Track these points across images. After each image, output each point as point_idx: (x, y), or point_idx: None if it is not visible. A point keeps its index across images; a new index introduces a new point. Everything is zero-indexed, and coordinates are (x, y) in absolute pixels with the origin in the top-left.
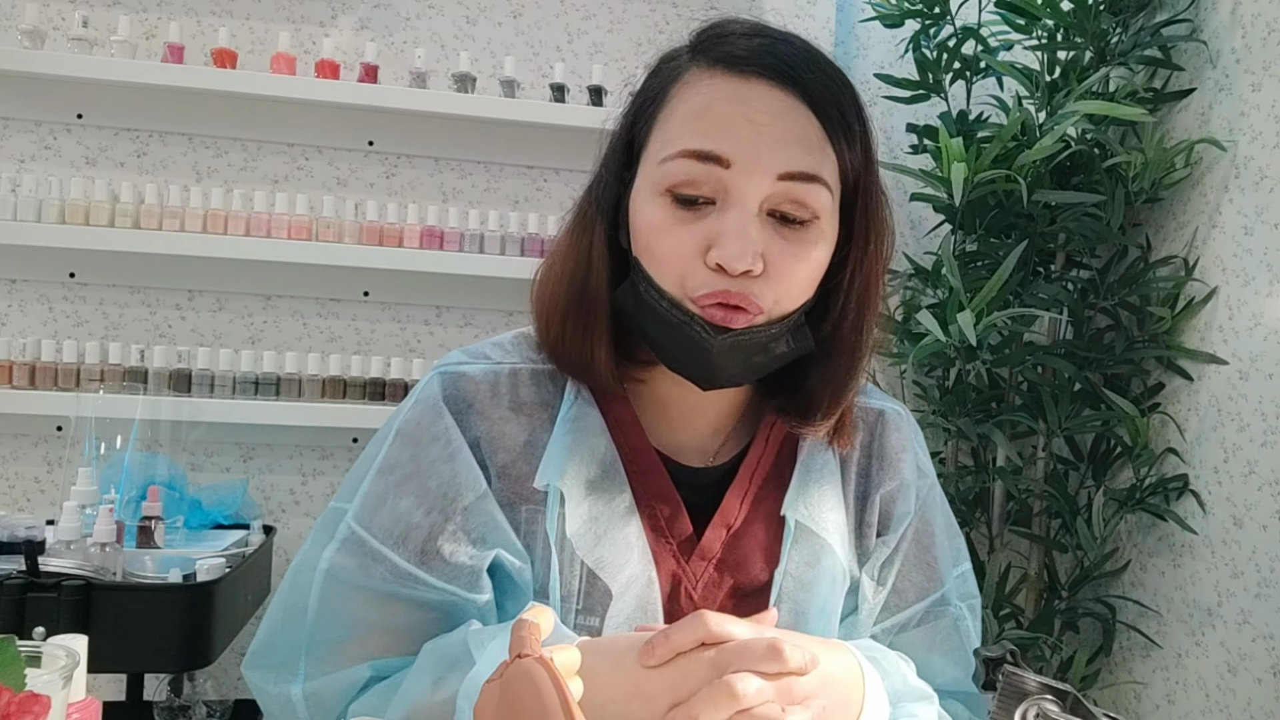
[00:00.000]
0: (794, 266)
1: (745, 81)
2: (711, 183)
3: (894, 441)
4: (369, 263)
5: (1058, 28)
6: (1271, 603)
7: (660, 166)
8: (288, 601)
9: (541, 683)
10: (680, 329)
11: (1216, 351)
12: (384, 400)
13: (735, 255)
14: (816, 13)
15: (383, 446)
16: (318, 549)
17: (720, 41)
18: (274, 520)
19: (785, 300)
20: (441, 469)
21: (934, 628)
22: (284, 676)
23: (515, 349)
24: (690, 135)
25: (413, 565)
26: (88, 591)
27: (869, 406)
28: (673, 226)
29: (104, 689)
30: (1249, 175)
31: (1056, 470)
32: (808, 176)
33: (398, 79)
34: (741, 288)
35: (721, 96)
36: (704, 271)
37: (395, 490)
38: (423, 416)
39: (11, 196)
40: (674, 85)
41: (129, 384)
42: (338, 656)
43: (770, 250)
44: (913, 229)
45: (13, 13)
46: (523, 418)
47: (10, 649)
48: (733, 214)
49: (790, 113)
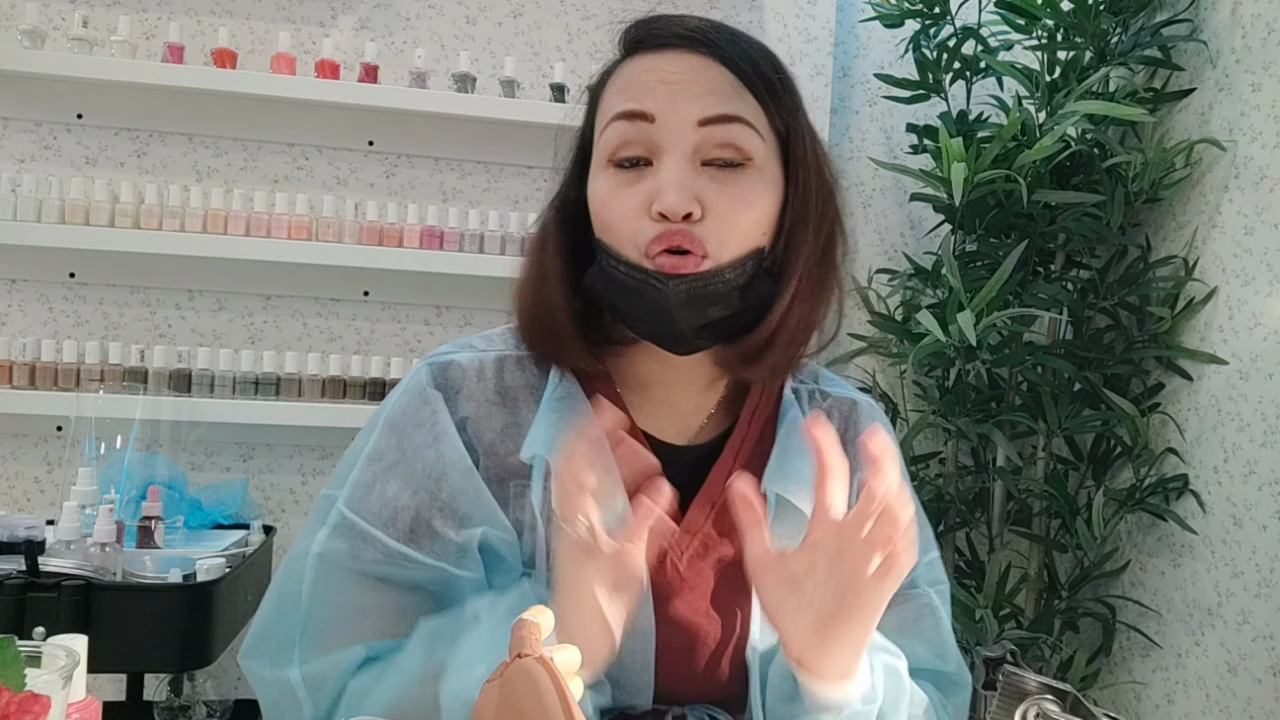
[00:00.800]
0: (731, 207)
1: (660, 53)
2: (643, 141)
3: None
4: (369, 263)
5: (1058, 28)
6: (1271, 603)
7: (600, 142)
8: (282, 588)
9: (541, 683)
10: (639, 290)
11: (1216, 351)
12: (384, 400)
13: (673, 202)
14: (816, 13)
15: (371, 436)
16: (309, 536)
17: (639, 30)
18: (274, 520)
19: (728, 241)
20: (426, 453)
21: (904, 609)
22: (280, 661)
23: (501, 339)
24: (618, 103)
25: (402, 544)
26: (88, 591)
27: (843, 396)
28: (618, 192)
29: (104, 689)
30: (1249, 175)
31: (1056, 470)
32: (727, 118)
33: (398, 79)
34: (682, 230)
35: (640, 68)
36: (650, 224)
37: (383, 476)
38: (409, 405)
39: (11, 196)
40: (608, 80)
41: (129, 384)
42: (333, 639)
43: (707, 195)
44: (913, 229)
45: (13, 13)
46: (509, 400)
47: (10, 649)
48: (666, 166)
49: (704, 69)
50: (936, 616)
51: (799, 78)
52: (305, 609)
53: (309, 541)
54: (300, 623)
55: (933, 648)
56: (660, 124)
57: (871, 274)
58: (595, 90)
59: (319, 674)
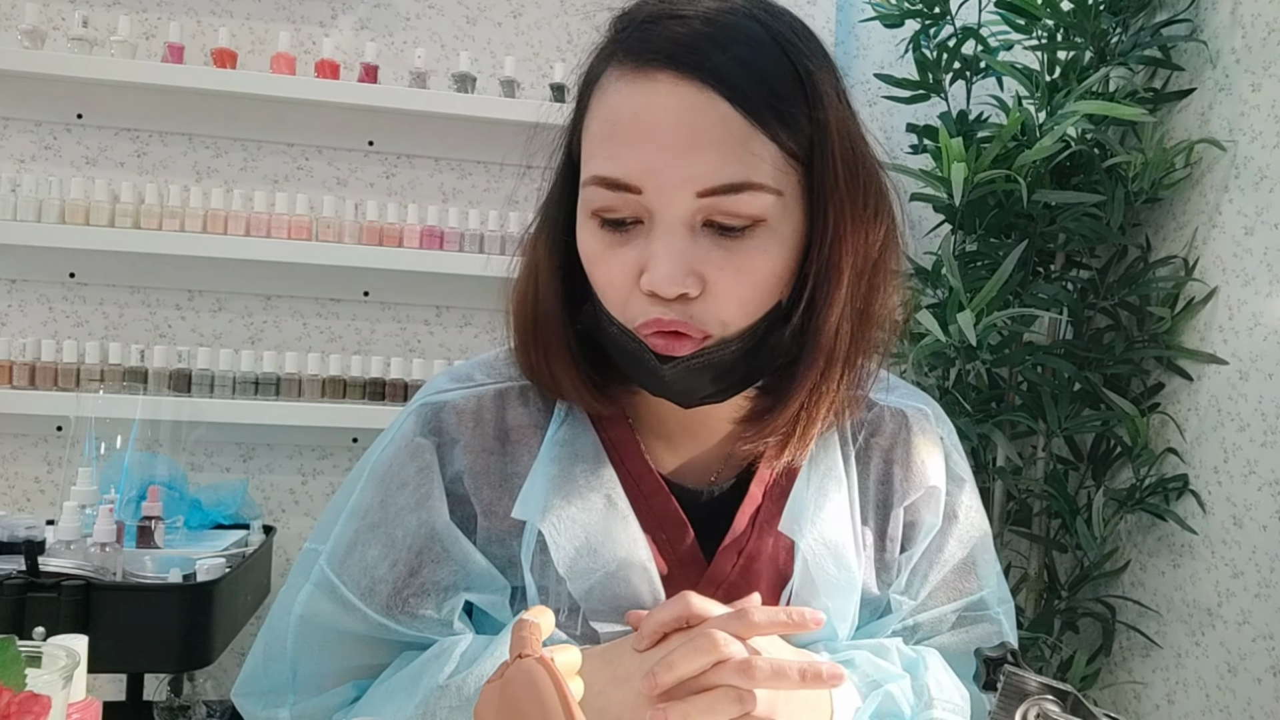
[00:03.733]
0: (735, 281)
1: (650, 81)
2: (631, 206)
3: (919, 446)
4: (369, 263)
5: (1058, 28)
6: (1271, 603)
7: (584, 190)
8: (268, 641)
9: (542, 683)
10: (634, 355)
11: (1216, 351)
12: (384, 400)
13: (664, 280)
14: (816, 13)
15: (355, 487)
16: (293, 592)
17: (629, 35)
18: (274, 520)
19: (733, 318)
20: (408, 518)
21: (971, 631)
22: (271, 704)
23: (506, 365)
24: (599, 160)
25: (381, 617)
26: (88, 591)
27: (890, 406)
28: (605, 253)
29: (104, 689)
30: (1249, 175)
31: (1056, 470)
32: (731, 188)
33: (398, 79)
34: (679, 313)
35: (625, 108)
36: (640, 299)
37: (365, 537)
38: (394, 458)
39: (11, 196)
40: (592, 91)
41: (129, 384)
42: (322, 686)
43: (708, 266)
44: (912, 229)
45: (13, 13)
46: (510, 445)
47: (10, 649)
48: (658, 235)
49: (701, 110)
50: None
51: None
52: (291, 664)
53: (292, 599)
54: (289, 674)
55: None
56: (649, 195)
57: None
58: (581, 92)
59: (309, 715)
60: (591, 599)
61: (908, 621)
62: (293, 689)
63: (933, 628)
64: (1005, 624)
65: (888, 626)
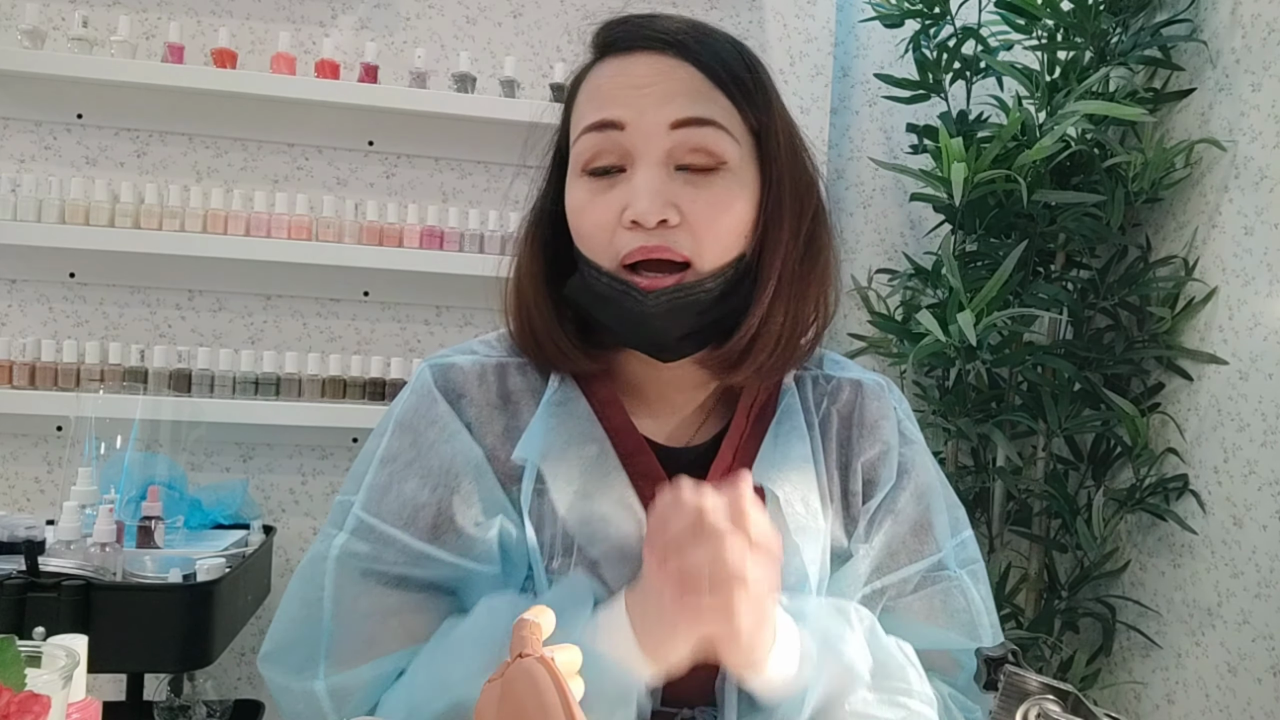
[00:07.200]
0: (708, 212)
1: (629, 57)
2: (615, 149)
3: (873, 409)
4: (369, 263)
5: (1058, 28)
6: (1271, 603)
7: (574, 150)
8: (302, 593)
9: (542, 683)
10: (619, 300)
11: (1216, 351)
12: (384, 400)
13: (646, 208)
14: (816, 13)
15: (383, 439)
16: (327, 540)
17: (608, 32)
18: (274, 520)
19: (708, 248)
20: (441, 449)
21: (931, 592)
22: (305, 673)
23: (502, 345)
24: (588, 114)
25: (425, 543)
26: (88, 591)
27: (847, 378)
28: (592, 200)
29: (104, 689)
30: (1249, 175)
31: (1056, 470)
32: (699, 120)
33: (398, 79)
34: (660, 239)
35: (610, 73)
36: (625, 233)
37: (400, 476)
38: (419, 404)
39: (11, 196)
40: (579, 87)
41: (129, 384)
42: (357, 651)
43: (683, 200)
44: (913, 229)
45: (13, 13)
46: (510, 404)
47: (10, 649)
48: (639, 172)
49: (673, 71)
50: (968, 597)
51: (799, 78)
52: (329, 615)
53: (326, 546)
54: (325, 633)
55: (965, 629)
56: (631, 130)
57: (871, 274)
58: (568, 96)
59: (345, 687)
60: (584, 535)
61: (876, 584)
62: (327, 654)
63: (898, 590)
64: (968, 581)
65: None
